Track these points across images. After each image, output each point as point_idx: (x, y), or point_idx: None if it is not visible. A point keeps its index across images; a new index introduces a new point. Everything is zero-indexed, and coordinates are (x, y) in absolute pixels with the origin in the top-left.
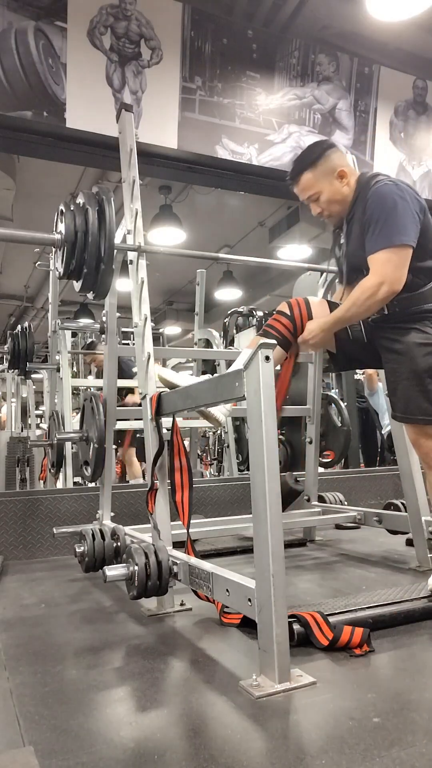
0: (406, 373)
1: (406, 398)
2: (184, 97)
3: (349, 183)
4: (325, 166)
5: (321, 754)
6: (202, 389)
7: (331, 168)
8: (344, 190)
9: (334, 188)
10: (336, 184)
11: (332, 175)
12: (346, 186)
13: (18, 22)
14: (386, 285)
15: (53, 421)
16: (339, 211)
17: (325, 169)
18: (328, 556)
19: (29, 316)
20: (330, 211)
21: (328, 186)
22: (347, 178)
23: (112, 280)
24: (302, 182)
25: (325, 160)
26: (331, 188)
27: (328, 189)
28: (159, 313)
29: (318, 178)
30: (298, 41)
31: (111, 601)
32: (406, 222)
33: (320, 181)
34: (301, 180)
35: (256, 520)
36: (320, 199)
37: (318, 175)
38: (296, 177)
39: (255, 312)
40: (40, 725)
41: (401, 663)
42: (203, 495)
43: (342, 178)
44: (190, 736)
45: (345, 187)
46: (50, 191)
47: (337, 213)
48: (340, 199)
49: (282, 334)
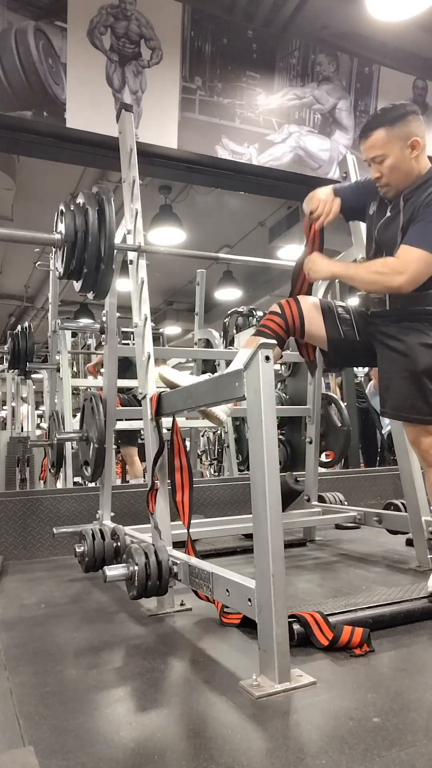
0: (404, 372)
1: (399, 396)
2: (184, 97)
3: (419, 157)
4: (401, 129)
5: (321, 754)
6: (202, 389)
7: (407, 134)
8: (412, 163)
9: (403, 156)
10: (406, 153)
11: (405, 142)
12: (414, 159)
13: (18, 22)
14: (403, 278)
15: (53, 421)
16: (398, 183)
17: (400, 133)
18: (328, 556)
19: (29, 316)
20: (390, 179)
21: (398, 151)
22: (418, 150)
23: (112, 280)
24: (373, 138)
25: (404, 122)
26: (400, 154)
27: (396, 154)
28: (159, 313)
29: (390, 139)
30: (298, 41)
31: (111, 601)
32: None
33: (391, 143)
34: (372, 136)
35: (256, 520)
36: (385, 162)
37: (392, 136)
38: (369, 132)
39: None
40: (40, 725)
41: (401, 663)
42: (203, 495)
43: (414, 148)
44: (190, 736)
45: (413, 159)
46: (50, 191)
47: (396, 184)
48: (405, 169)
49: (276, 333)
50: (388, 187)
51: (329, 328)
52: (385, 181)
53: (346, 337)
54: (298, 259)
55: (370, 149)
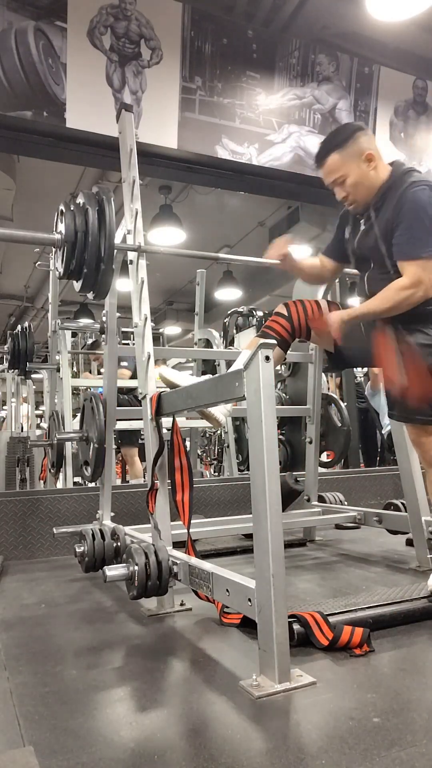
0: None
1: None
2: (184, 97)
3: (377, 168)
4: (353, 148)
5: (321, 754)
6: (202, 389)
7: (359, 150)
8: (371, 175)
9: (362, 171)
10: (363, 168)
11: (360, 158)
12: (373, 171)
13: (18, 22)
14: (422, 290)
15: (53, 421)
16: (365, 197)
17: (352, 151)
18: (328, 556)
19: (29, 316)
20: (355, 196)
21: (356, 169)
22: (375, 161)
23: (112, 280)
24: (329, 164)
25: (354, 141)
26: (358, 171)
27: (355, 172)
28: (159, 313)
29: (345, 160)
30: (298, 41)
31: (111, 601)
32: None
33: (347, 164)
34: (327, 161)
35: (256, 520)
36: (346, 182)
37: (345, 157)
38: (323, 158)
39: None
40: (40, 725)
41: (401, 663)
42: (203, 495)
43: (370, 161)
44: (190, 736)
45: (372, 172)
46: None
47: (362, 198)
48: (367, 183)
49: (280, 335)
50: (356, 203)
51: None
52: (352, 199)
53: (353, 339)
54: None
55: (329, 174)
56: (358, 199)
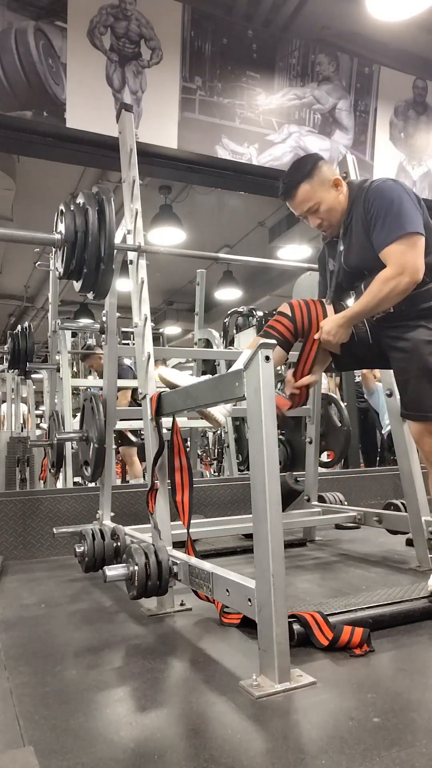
0: (415, 371)
1: (418, 396)
2: (184, 97)
3: (343, 191)
4: (319, 176)
5: (321, 754)
6: (202, 389)
7: (327, 178)
8: (341, 198)
9: (332, 197)
10: (333, 193)
11: (328, 185)
12: (341, 195)
13: (18, 22)
14: (407, 276)
15: (53, 421)
16: (338, 220)
17: (321, 180)
18: (328, 556)
19: (29, 316)
20: (330, 220)
21: (327, 195)
22: (341, 186)
23: (112, 280)
24: (300, 194)
25: (318, 170)
26: (329, 197)
27: (327, 198)
28: (159, 313)
29: (316, 188)
30: (298, 41)
31: (111, 601)
32: (412, 212)
33: (318, 191)
34: (298, 193)
35: (256, 520)
36: (320, 209)
37: (315, 185)
38: (292, 190)
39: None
40: (40, 725)
41: (401, 663)
42: (203, 495)
43: (337, 186)
44: (190, 736)
45: (341, 196)
46: (50, 191)
47: (336, 222)
48: (339, 207)
49: (283, 335)
50: (331, 228)
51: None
52: (326, 224)
53: (359, 340)
54: None
55: (302, 204)
56: (333, 223)
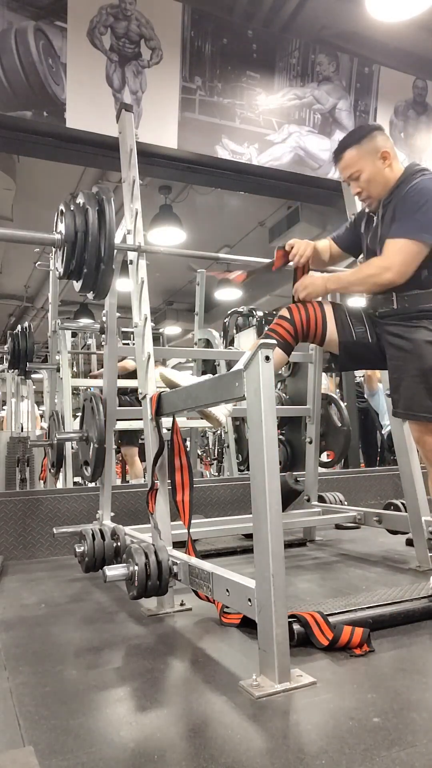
0: (413, 371)
1: (410, 395)
2: (184, 97)
3: (392, 166)
4: (369, 145)
5: (321, 754)
6: (202, 389)
7: (375, 148)
8: (386, 172)
9: (376, 168)
10: (378, 165)
11: (375, 155)
12: (388, 168)
13: (18, 22)
14: (391, 273)
15: (53, 421)
16: (378, 193)
17: (369, 148)
18: (328, 556)
19: (29, 316)
20: (369, 191)
21: (371, 165)
22: (390, 160)
23: (112, 280)
24: (345, 159)
25: (370, 139)
26: (373, 168)
27: (369, 168)
28: (159, 313)
29: (361, 155)
30: (298, 41)
31: (111, 601)
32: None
33: (363, 159)
34: (344, 156)
35: (256, 520)
36: (361, 177)
37: (362, 152)
38: (340, 153)
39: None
40: (40, 725)
41: (401, 663)
42: (203, 495)
43: (385, 159)
44: (190, 736)
45: (387, 169)
46: (50, 191)
47: (376, 195)
48: (381, 180)
49: (283, 338)
50: (371, 199)
51: (341, 331)
52: (366, 195)
53: (358, 340)
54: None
55: (345, 169)
56: (372, 195)
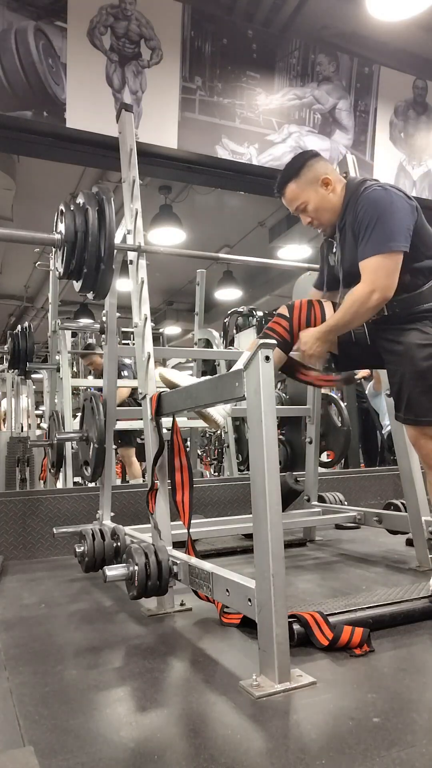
0: (409, 374)
1: (410, 399)
2: (184, 97)
3: (335, 190)
4: (308, 175)
5: (321, 754)
6: (202, 389)
7: (315, 177)
8: (331, 197)
9: (320, 196)
10: (321, 192)
11: (317, 184)
12: (332, 193)
13: (18, 22)
14: (377, 293)
15: (53, 421)
16: (329, 219)
17: (308, 179)
18: (328, 556)
19: (29, 316)
20: (320, 220)
21: (314, 194)
22: (332, 185)
23: (112, 280)
24: (288, 194)
25: (308, 169)
26: (316, 196)
27: (314, 197)
28: (159, 313)
29: (303, 187)
30: (298, 41)
31: (111, 601)
32: (396, 227)
33: (305, 191)
34: (286, 192)
35: (256, 520)
36: (308, 208)
37: (302, 184)
38: (281, 189)
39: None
40: (40, 725)
41: (401, 663)
42: (203, 495)
43: (327, 185)
44: (190, 736)
45: (331, 195)
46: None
47: (327, 221)
48: (328, 207)
49: (282, 337)
50: (323, 227)
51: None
52: (317, 223)
53: (357, 341)
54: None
55: (290, 203)
56: (323, 222)
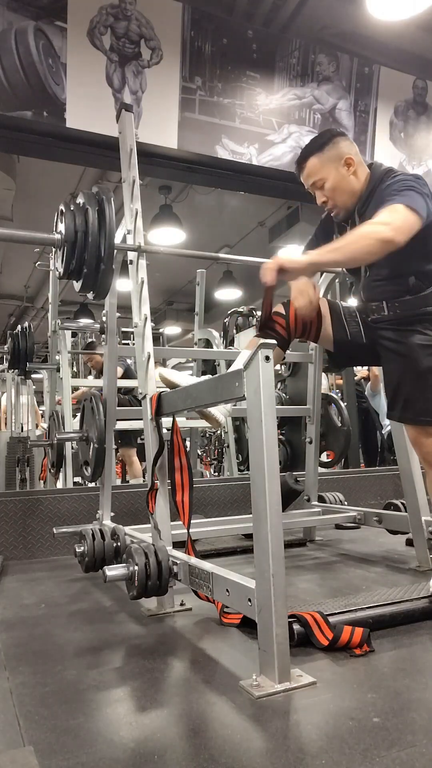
0: (408, 375)
1: (406, 399)
2: (184, 97)
3: (357, 173)
4: (332, 152)
5: (321, 754)
6: (202, 389)
7: (338, 155)
8: (351, 179)
9: (340, 175)
10: (342, 172)
11: (339, 162)
12: (353, 176)
13: (18, 22)
14: (390, 229)
15: (53, 421)
16: (344, 202)
17: (331, 155)
18: (328, 556)
19: (29, 316)
20: (335, 200)
21: (334, 172)
22: (354, 166)
23: (112, 280)
24: (308, 167)
25: (333, 146)
26: (336, 175)
27: (333, 176)
28: (159, 313)
29: (324, 163)
30: (298, 41)
31: (111, 601)
32: (418, 200)
33: (326, 167)
34: (307, 165)
35: (256, 520)
36: (325, 186)
37: (324, 160)
38: (302, 162)
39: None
40: (40, 725)
41: (401, 663)
42: (203, 495)
43: (349, 166)
44: (190, 736)
45: (352, 177)
46: (50, 191)
47: (342, 203)
48: (346, 188)
49: (279, 334)
50: (337, 209)
51: (336, 328)
52: (332, 204)
53: (353, 339)
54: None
55: (308, 177)
56: (338, 204)
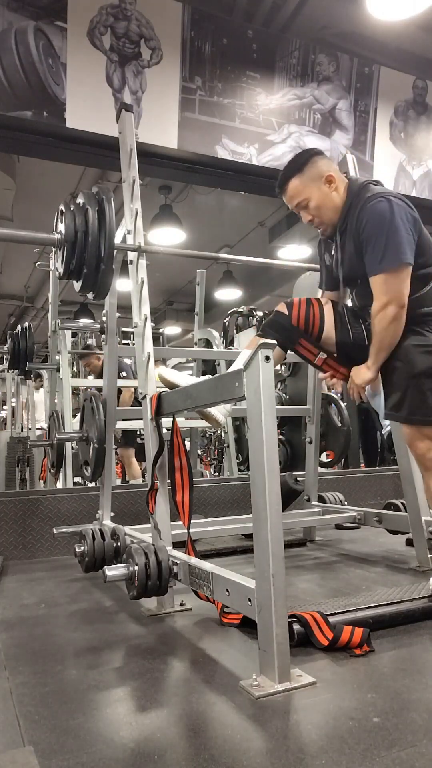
0: (403, 375)
1: (401, 398)
2: (184, 97)
3: (338, 189)
4: (312, 171)
5: (321, 754)
6: (202, 389)
7: (318, 173)
8: (334, 196)
9: (323, 193)
10: (324, 189)
11: (320, 181)
12: (335, 192)
13: (18, 22)
14: (393, 305)
15: (53, 421)
16: (330, 218)
17: (312, 175)
18: (328, 556)
19: (29, 316)
20: (321, 218)
21: (317, 191)
22: (335, 183)
23: (112, 280)
24: (290, 189)
25: (312, 165)
26: (319, 194)
27: (316, 195)
28: (159, 313)
29: (306, 183)
30: (298, 41)
31: (111, 601)
32: (402, 241)
33: (308, 187)
34: (288, 187)
35: (256, 520)
36: (309, 205)
37: (305, 180)
38: (284, 185)
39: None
40: (40, 725)
41: (401, 663)
42: (203, 495)
43: (330, 183)
44: (190, 736)
45: (334, 193)
46: (50, 191)
47: (328, 219)
48: (330, 205)
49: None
50: (324, 225)
51: (339, 329)
52: (317, 222)
53: (356, 341)
54: None
55: (291, 199)
56: (324, 221)
